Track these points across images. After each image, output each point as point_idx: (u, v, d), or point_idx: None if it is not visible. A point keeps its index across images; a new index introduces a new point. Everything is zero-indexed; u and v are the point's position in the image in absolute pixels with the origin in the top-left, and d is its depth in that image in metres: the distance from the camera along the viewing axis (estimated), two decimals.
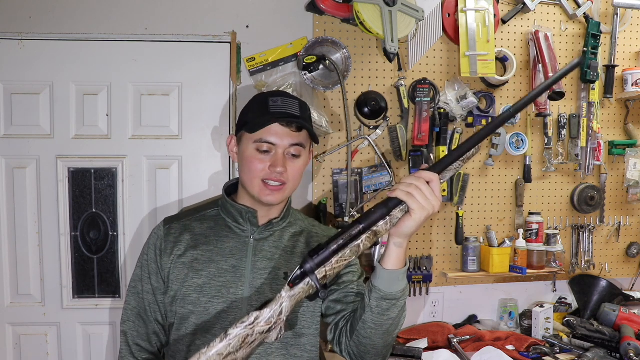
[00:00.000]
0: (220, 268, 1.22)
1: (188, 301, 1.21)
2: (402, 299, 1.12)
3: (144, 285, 1.26)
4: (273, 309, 0.99)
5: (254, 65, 1.84)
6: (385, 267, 1.09)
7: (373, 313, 1.11)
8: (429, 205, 1.00)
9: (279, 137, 1.21)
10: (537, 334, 1.91)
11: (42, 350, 1.86)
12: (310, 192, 1.92)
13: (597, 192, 2.11)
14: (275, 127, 1.20)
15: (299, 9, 1.88)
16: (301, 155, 1.25)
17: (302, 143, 1.24)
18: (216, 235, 1.27)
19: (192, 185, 1.89)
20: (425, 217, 1.01)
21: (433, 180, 1.01)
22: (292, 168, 1.23)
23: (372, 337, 1.14)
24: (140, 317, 1.26)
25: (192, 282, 1.21)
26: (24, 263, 1.83)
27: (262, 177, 1.21)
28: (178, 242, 1.26)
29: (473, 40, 1.92)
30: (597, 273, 2.14)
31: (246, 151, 1.23)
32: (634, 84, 2.08)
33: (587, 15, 2.07)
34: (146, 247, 1.30)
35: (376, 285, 1.10)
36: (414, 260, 2.00)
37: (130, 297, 1.28)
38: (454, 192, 1.99)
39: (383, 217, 1.01)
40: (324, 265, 0.99)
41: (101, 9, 1.80)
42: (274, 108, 1.21)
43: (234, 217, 1.27)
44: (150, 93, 1.85)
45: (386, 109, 1.92)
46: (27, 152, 1.81)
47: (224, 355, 0.95)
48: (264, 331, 0.99)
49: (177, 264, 1.24)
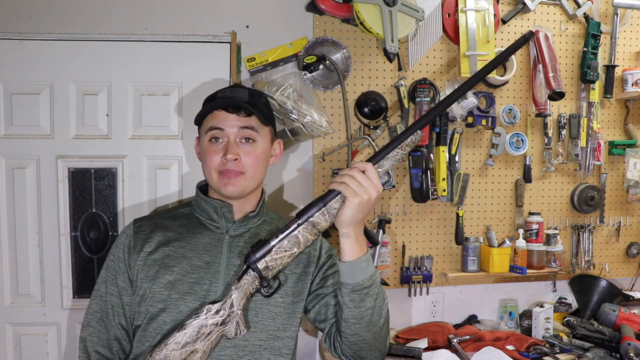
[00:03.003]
0: (193, 264, 1.20)
1: (158, 299, 1.17)
2: (373, 287, 1.13)
3: (109, 287, 1.23)
4: (224, 302, 1.07)
5: (254, 65, 1.84)
6: (342, 260, 1.11)
7: (349, 308, 1.12)
8: (363, 192, 1.05)
9: (226, 122, 1.22)
10: (537, 334, 1.91)
11: (42, 350, 1.86)
12: (310, 192, 1.92)
13: (597, 192, 2.11)
14: (221, 113, 1.22)
15: (299, 9, 1.88)
16: (256, 140, 1.24)
17: (253, 126, 1.23)
18: (189, 232, 1.26)
19: (192, 185, 1.88)
20: (359, 204, 1.06)
21: (367, 168, 1.08)
22: (247, 155, 1.23)
23: (359, 332, 1.14)
24: (102, 322, 1.22)
25: (163, 278, 1.18)
26: (24, 263, 1.83)
27: (217, 168, 1.22)
28: (149, 239, 1.24)
29: (473, 40, 1.92)
30: (597, 273, 2.14)
31: (202, 144, 1.26)
32: (634, 84, 2.08)
33: (587, 15, 2.07)
34: (113, 248, 1.27)
35: (342, 281, 1.12)
36: (414, 260, 2.00)
37: (93, 301, 1.25)
38: (454, 192, 1.99)
39: (319, 209, 1.08)
40: (264, 256, 1.07)
41: (101, 9, 1.80)
42: (221, 97, 1.25)
43: (208, 213, 1.26)
44: (150, 93, 1.85)
45: (386, 109, 1.92)
46: (27, 152, 1.81)
47: (182, 344, 1.04)
48: (218, 323, 1.07)
49: (147, 261, 1.21)
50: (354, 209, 1.06)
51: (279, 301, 1.22)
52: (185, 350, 1.04)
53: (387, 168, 1.11)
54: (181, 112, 1.86)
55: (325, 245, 1.33)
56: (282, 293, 1.23)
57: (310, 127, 1.81)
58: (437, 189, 1.93)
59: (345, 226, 1.08)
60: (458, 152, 1.99)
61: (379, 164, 1.10)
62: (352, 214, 1.06)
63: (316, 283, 1.27)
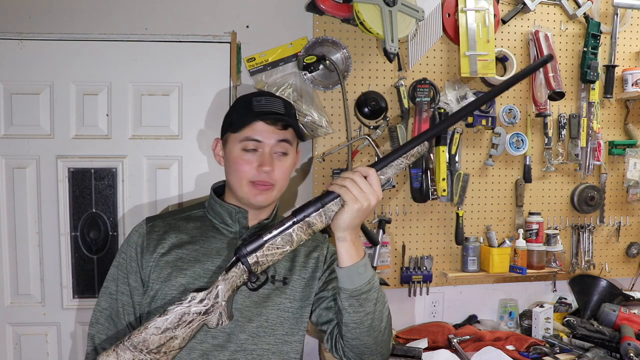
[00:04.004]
0: (205, 268, 1.20)
1: (169, 301, 1.16)
2: (372, 292, 1.11)
3: (119, 286, 1.22)
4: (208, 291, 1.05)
5: (254, 65, 1.84)
6: (340, 266, 1.10)
7: (349, 313, 1.11)
8: (363, 198, 1.03)
9: (265, 135, 1.20)
10: (537, 334, 1.91)
11: (42, 350, 1.86)
12: (310, 192, 1.92)
13: (597, 192, 2.11)
14: (260, 125, 1.20)
15: (299, 9, 1.88)
16: (289, 153, 1.23)
17: (289, 140, 1.23)
18: (202, 235, 1.24)
19: (192, 185, 1.89)
20: (358, 210, 1.04)
21: (370, 174, 1.05)
22: (279, 168, 1.21)
23: (359, 336, 1.13)
24: (110, 319, 1.21)
25: (176, 281, 1.18)
26: (24, 263, 1.83)
27: (249, 178, 1.20)
28: (162, 240, 1.23)
29: (473, 40, 1.92)
30: (597, 273, 2.14)
31: (232, 152, 1.22)
32: (634, 84, 2.08)
33: (587, 15, 2.07)
34: (125, 246, 1.25)
35: (340, 286, 1.11)
36: (414, 260, 2.00)
37: (102, 298, 1.23)
38: (454, 192, 1.99)
39: (316, 210, 1.05)
40: (255, 251, 1.04)
41: (101, 9, 1.80)
42: (258, 107, 1.21)
43: (222, 217, 1.25)
44: (150, 93, 1.85)
45: (386, 109, 1.92)
46: (27, 152, 1.81)
47: (162, 329, 1.02)
48: (201, 312, 1.05)
49: (160, 263, 1.20)
50: (352, 214, 1.04)
51: (288, 306, 1.22)
52: (165, 336, 1.02)
53: (389, 176, 1.09)
54: (181, 112, 1.86)
55: (331, 249, 1.33)
56: (291, 298, 1.22)
57: (310, 127, 1.80)
58: (437, 189, 1.93)
59: (342, 230, 1.06)
60: (458, 152, 1.99)
61: (382, 171, 1.07)
62: (350, 219, 1.04)
63: (319, 287, 1.27)
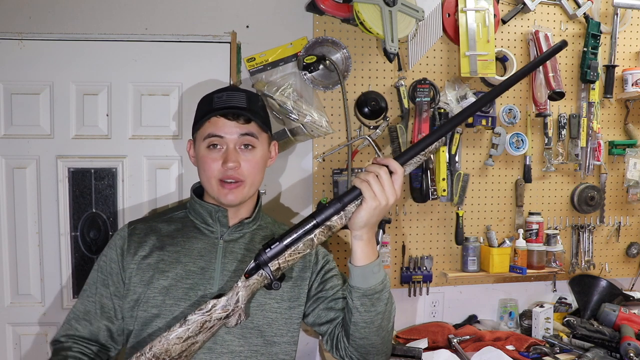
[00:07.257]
0: (187, 269, 1.18)
1: (152, 304, 1.15)
2: (384, 292, 1.11)
3: (99, 288, 1.21)
4: (229, 297, 1.04)
5: (254, 65, 1.84)
6: (355, 265, 1.09)
7: (360, 312, 1.11)
8: (383, 197, 1.00)
9: (226, 130, 1.19)
10: (537, 334, 1.91)
11: (42, 350, 1.85)
12: (310, 192, 1.92)
13: (597, 192, 2.11)
14: (221, 120, 1.19)
15: (299, 9, 1.88)
16: (255, 146, 1.22)
17: (253, 133, 1.21)
18: (184, 236, 1.24)
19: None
20: (376, 208, 1.01)
21: (397, 172, 1.01)
22: (247, 162, 1.20)
23: (368, 336, 1.13)
24: (83, 320, 1.19)
25: (158, 283, 1.16)
26: (24, 263, 1.83)
27: (217, 176, 1.19)
28: (143, 242, 1.22)
29: (473, 40, 1.92)
30: (597, 273, 2.14)
31: (199, 151, 1.23)
32: (634, 84, 2.08)
33: (587, 15, 2.07)
34: (107, 249, 1.24)
35: (354, 285, 1.10)
36: (414, 260, 2.00)
37: (80, 302, 1.22)
38: (454, 192, 1.99)
39: (337, 212, 1.02)
40: (277, 258, 1.02)
41: (101, 9, 1.79)
42: (218, 103, 1.21)
43: (203, 217, 1.24)
44: (150, 93, 1.85)
45: (386, 109, 1.92)
46: (27, 152, 1.81)
47: (184, 339, 1.03)
48: (222, 317, 1.05)
49: (141, 266, 1.19)
50: (369, 212, 1.01)
51: (275, 307, 1.21)
52: (187, 343, 1.04)
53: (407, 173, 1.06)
54: (181, 112, 1.86)
55: (321, 250, 1.32)
56: (278, 298, 1.21)
57: (310, 127, 1.80)
58: (437, 189, 1.93)
59: (359, 228, 1.05)
60: (458, 152, 1.99)
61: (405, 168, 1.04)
62: (367, 217, 1.02)
63: (315, 287, 1.26)
